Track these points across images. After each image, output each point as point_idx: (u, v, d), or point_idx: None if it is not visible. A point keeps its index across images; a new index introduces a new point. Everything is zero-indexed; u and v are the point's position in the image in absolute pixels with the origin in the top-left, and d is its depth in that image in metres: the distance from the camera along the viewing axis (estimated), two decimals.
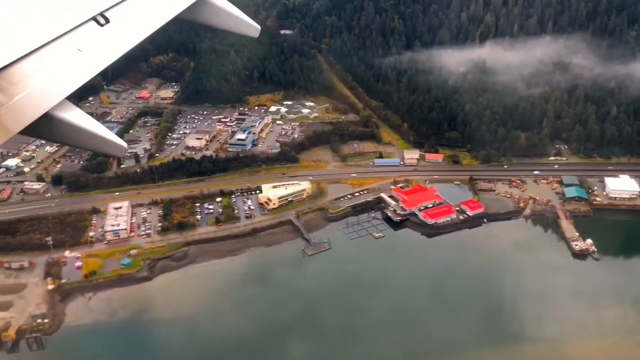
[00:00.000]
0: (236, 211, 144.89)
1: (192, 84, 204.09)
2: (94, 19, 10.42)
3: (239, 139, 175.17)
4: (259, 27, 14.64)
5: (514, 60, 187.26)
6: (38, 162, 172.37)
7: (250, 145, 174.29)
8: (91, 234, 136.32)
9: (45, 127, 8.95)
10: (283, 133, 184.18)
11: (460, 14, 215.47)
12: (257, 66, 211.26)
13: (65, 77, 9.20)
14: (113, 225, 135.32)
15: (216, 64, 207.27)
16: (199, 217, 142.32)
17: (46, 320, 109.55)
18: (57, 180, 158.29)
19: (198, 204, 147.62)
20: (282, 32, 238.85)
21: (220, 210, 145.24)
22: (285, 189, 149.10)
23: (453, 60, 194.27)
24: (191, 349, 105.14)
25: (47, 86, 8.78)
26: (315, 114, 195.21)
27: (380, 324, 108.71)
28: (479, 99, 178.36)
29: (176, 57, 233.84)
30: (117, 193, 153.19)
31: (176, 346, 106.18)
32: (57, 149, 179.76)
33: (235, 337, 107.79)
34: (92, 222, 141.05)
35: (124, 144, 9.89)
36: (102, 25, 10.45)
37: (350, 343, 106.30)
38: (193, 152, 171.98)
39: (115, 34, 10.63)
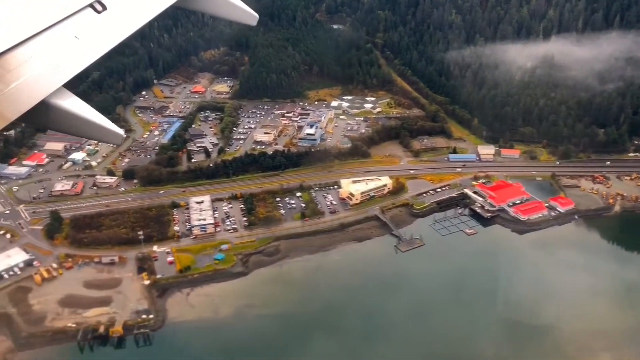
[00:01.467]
0: (319, 206, 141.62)
1: (252, 79, 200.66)
2: (91, 5, 10.28)
3: (308, 134, 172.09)
4: (256, 15, 14.40)
5: (583, 56, 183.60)
6: (103, 156, 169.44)
7: (319, 140, 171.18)
8: (176, 228, 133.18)
9: (42, 114, 8.81)
10: (349, 128, 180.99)
11: (520, 9, 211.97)
12: (315, 60, 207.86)
13: (62, 64, 9.06)
14: (199, 220, 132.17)
15: (275, 58, 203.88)
16: (282, 211, 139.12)
17: (151, 316, 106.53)
18: (128, 175, 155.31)
19: (279, 199, 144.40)
20: (334, 26, 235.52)
21: (303, 205, 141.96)
22: (367, 184, 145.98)
23: (518, 55, 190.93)
24: (296, 345, 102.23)
25: (43, 73, 8.66)
26: (379, 109, 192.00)
27: (493, 326, 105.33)
28: (551, 95, 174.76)
29: (227, 52, 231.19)
30: (184, 190, 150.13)
31: (281, 342, 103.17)
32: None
33: (339, 334, 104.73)
34: (174, 216, 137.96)
35: (122, 132, 9.63)
36: (99, 12, 10.32)
37: (457, 343, 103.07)
38: (263, 147, 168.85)
39: (112, 21, 10.49)
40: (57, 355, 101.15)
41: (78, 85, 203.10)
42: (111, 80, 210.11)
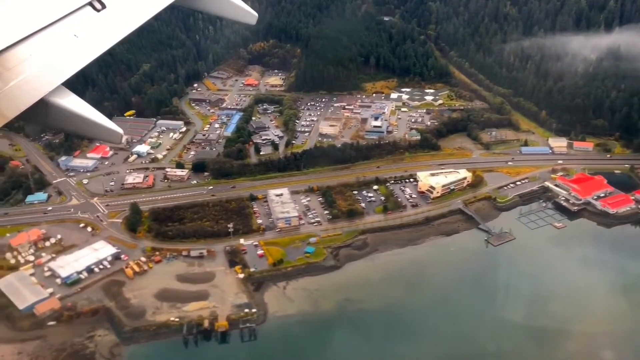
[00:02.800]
0: (399, 199, 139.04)
1: (308, 71, 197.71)
2: (90, 4, 10.17)
3: (375, 126, 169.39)
4: (256, 14, 14.29)
5: None
6: (167, 149, 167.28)
7: (386, 132, 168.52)
8: (259, 221, 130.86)
9: (41, 113, 8.73)
10: (413, 120, 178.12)
11: (579, 1, 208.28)
12: (370, 52, 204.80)
13: (62, 62, 9.06)
14: (283, 213, 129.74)
15: (331, 50, 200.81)
16: (363, 204, 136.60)
17: (254, 310, 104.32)
18: (198, 167, 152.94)
19: (355, 192, 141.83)
20: (385, 18, 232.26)
21: (383, 198, 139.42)
22: (446, 177, 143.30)
23: (581, 47, 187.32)
24: (401, 340, 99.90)
25: (42, 72, 8.63)
26: (440, 101, 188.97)
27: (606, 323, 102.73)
28: (621, 86, 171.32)
29: (276, 44, 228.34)
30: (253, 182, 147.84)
31: (386, 337, 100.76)
32: (181, 135, 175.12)
33: (443, 329, 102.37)
34: (254, 209, 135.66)
35: (120, 131, 9.39)
36: (98, 10, 10.24)
37: (562, 340, 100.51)
38: (330, 139, 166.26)
39: (111, 20, 10.40)
40: (162, 350, 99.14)
41: (129, 77, 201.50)
42: (162, 72, 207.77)
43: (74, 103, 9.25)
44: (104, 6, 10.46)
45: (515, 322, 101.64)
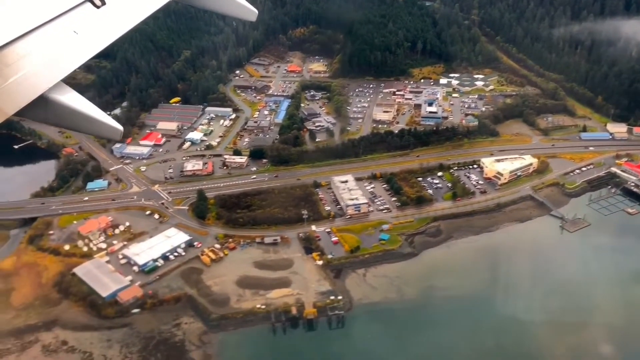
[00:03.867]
0: (467, 185, 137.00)
1: (354, 57, 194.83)
2: (90, 0, 10.19)
3: (430, 112, 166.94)
4: (256, 11, 14.25)
5: None
6: (220, 136, 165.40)
7: (442, 118, 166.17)
8: (327, 208, 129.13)
9: (40, 109, 8.67)
10: (466, 106, 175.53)
11: None
12: (416, 38, 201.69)
13: (61, 59, 9.08)
14: (352, 200, 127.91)
15: (378, 35, 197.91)
16: (430, 191, 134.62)
17: (340, 298, 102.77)
18: (256, 154, 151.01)
19: (420, 178, 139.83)
20: (427, 3, 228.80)
21: (449, 184, 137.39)
22: (512, 163, 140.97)
23: (635, 31, 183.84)
24: (487, 328, 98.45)
25: (42, 68, 8.65)
26: (491, 87, 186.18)
27: None
28: None
29: (317, 30, 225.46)
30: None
31: (471, 323, 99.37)
32: (231, 122, 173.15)
33: (532, 317, 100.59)
34: (319, 195, 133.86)
35: (120, 128, 9.40)
36: (98, 7, 10.27)
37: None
38: (384, 126, 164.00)
39: (111, 16, 10.43)
40: (251, 338, 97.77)
41: (171, 64, 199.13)
42: (204, 59, 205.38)
43: (73, 99, 9.09)
44: (103, 3, 10.36)
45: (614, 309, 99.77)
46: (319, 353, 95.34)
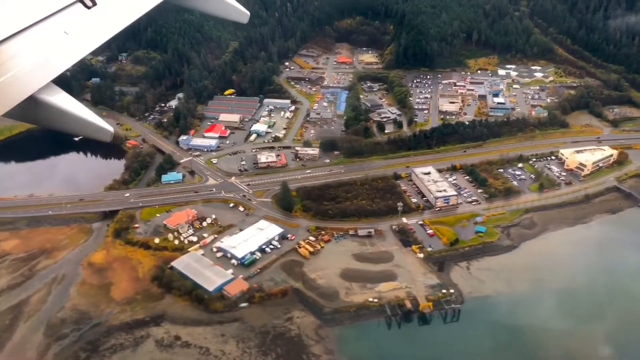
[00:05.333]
0: (550, 176, 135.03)
1: (409, 47, 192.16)
2: (81, 1, 10.18)
3: (499, 103, 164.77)
4: (248, 13, 14.63)
5: None
6: (284, 128, 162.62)
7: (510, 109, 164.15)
8: (413, 200, 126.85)
9: (30, 110, 8.65)
10: (530, 97, 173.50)
11: None
12: (471, 28, 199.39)
13: (51, 59, 8.94)
14: (440, 191, 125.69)
15: (433, 26, 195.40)
16: (515, 182, 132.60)
17: (452, 291, 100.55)
18: (327, 146, 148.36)
19: (501, 170, 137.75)
20: None
21: (533, 176, 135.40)
22: (592, 154, 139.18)
23: None
24: (605, 321, 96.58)
25: (32, 68, 8.53)
26: (551, 78, 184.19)
27: None
28: None
29: (363, 21, 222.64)
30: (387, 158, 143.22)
31: (588, 316, 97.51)
32: (292, 114, 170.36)
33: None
34: (402, 187, 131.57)
35: (111, 129, 9.34)
36: (89, 7, 10.25)
37: None
38: (452, 117, 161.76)
39: (102, 17, 10.39)
40: (368, 332, 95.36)
41: (219, 55, 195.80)
42: (253, 50, 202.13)
43: (64, 100, 8.98)
44: (94, 3, 10.35)
45: None
46: (437, 347, 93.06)
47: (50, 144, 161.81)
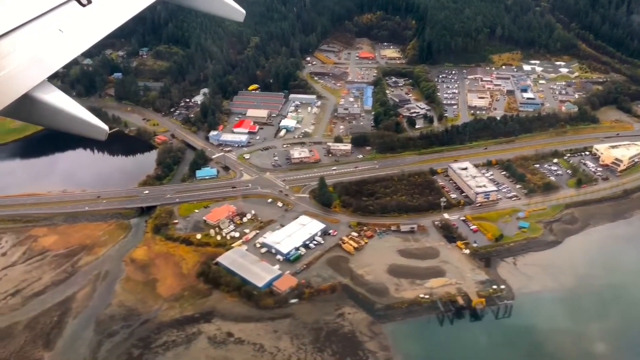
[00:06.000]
0: (587, 172, 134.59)
1: (434, 42, 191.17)
2: None
3: (529, 98, 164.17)
4: (243, 11, 14.23)
5: None
6: (312, 123, 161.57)
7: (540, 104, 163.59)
8: (453, 195, 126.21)
9: (25, 108, 8.63)
10: (557, 92, 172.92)
11: None
12: (494, 24, 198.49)
13: (46, 57, 8.93)
14: (479, 187, 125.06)
15: (457, 21, 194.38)
16: (552, 178, 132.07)
17: (502, 287, 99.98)
18: (358, 141, 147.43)
19: (537, 165, 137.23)
20: None
21: (569, 171, 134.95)
22: (627, 149, 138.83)
23: None
24: None
25: (26, 66, 8.53)
26: (576, 73, 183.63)
27: None
28: None
29: (384, 16, 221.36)
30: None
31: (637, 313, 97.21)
32: (318, 109, 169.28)
33: None
34: (440, 183, 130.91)
35: (105, 127, 9.16)
36: (84, 5, 10.22)
37: None
38: (482, 112, 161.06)
39: (97, 15, 10.36)
40: (421, 328, 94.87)
41: (241, 50, 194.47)
42: (274, 45, 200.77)
43: (58, 99, 8.91)
44: (89, 1, 10.32)
45: None
46: (493, 343, 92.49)
47: (77, 139, 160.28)
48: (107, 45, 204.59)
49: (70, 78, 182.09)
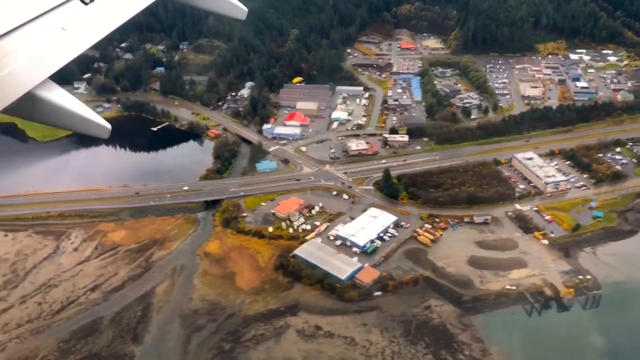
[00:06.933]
0: None
1: (479, 32, 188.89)
2: None
3: (583, 87, 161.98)
4: (245, 9, 14.37)
5: None
6: (363, 115, 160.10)
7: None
8: (521, 186, 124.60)
9: (27, 106, 8.65)
10: (608, 81, 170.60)
11: None
12: (539, 12, 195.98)
13: (49, 56, 8.95)
14: (548, 177, 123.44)
15: (502, 10, 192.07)
16: (618, 167, 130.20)
17: (588, 277, 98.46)
18: (414, 132, 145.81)
19: (601, 154, 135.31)
20: None
21: (634, 160, 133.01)
22: None
23: None
24: None
25: (29, 65, 8.56)
26: (625, 62, 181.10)
27: None
28: None
29: (423, 6, 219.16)
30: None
31: None
32: (367, 101, 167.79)
33: None
34: (505, 173, 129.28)
35: (108, 126, 9.29)
36: (86, 3, 10.26)
37: None
38: (537, 102, 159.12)
39: (100, 13, 10.40)
40: (509, 319, 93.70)
41: (282, 43, 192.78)
42: (315, 37, 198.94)
43: (61, 97, 8.87)
44: None
45: None
46: (585, 334, 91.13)
47: (127, 134, 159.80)
48: (147, 40, 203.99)
49: (114, 73, 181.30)
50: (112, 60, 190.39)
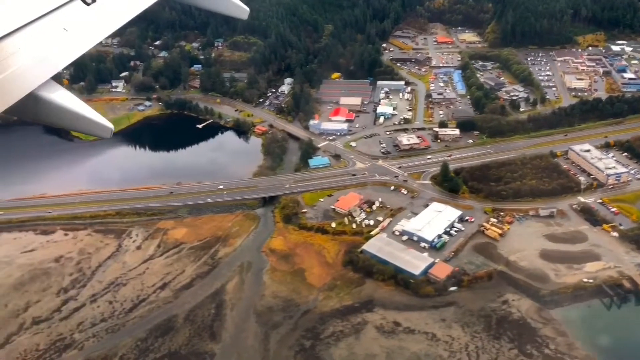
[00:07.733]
0: None
1: (518, 25, 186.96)
2: None
3: (630, 79, 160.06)
4: (247, 9, 14.66)
5: None
6: (408, 110, 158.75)
7: None
8: (582, 178, 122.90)
9: (30, 107, 8.59)
10: None
11: None
12: (578, 4, 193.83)
13: (51, 56, 8.94)
14: (609, 169, 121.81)
15: (541, 2, 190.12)
16: None
17: None
18: (464, 126, 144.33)
19: None
20: None
21: None
22: None
23: None
24: None
25: (32, 65, 8.50)
26: None
27: None
28: None
29: (457, 0, 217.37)
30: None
31: None
32: (410, 95, 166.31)
33: None
34: (564, 166, 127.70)
35: (111, 126, 9.27)
36: (88, 4, 10.25)
37: None
38: (584, 93, 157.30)
39: (102, 14, 10.39)
40: (590, 313, 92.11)
41: (316, 38, 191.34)
42: (350, 32, 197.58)
43: (64, 97, 8.79)
44: (94, 0, 10.30)
45: None
46: None
47: (172, 131, 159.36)
48: (180, 38, 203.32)
49: (152, 71, 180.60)
50: (149, 58, 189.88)
